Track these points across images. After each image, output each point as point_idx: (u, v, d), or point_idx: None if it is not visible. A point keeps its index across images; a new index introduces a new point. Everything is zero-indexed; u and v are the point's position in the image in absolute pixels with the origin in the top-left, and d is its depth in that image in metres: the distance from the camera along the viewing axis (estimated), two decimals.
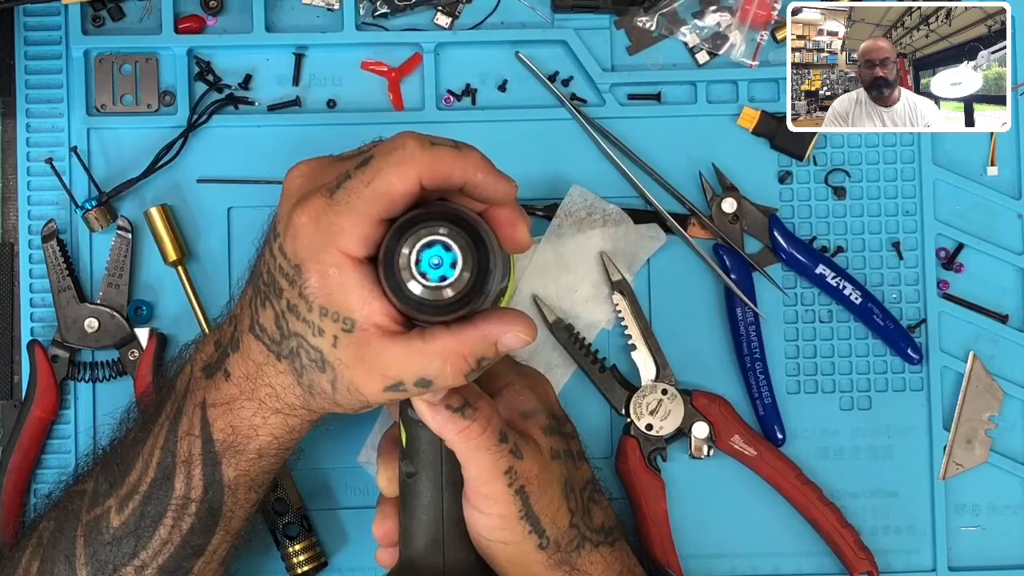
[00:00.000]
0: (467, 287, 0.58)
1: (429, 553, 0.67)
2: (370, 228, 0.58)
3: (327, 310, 0.59)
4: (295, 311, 0.60)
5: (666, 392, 0.81)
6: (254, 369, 0.64)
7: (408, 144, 0.58)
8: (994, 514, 0.83)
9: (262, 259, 0.63)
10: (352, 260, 0.58)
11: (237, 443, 0.65)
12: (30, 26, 0.81)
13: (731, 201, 0.82)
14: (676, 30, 0.83)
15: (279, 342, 0.62)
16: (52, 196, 0.81)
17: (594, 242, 0.81)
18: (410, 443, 0.67)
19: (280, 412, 0.64)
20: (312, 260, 0.59)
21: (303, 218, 0.59)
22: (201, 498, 0.66)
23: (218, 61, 0.82)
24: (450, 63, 0.83)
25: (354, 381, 0.60)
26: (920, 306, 0.83)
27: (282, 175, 0.63)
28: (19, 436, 0.79)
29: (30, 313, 0.81)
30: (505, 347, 0.60)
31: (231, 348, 0.65)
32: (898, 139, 0.83)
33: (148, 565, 0.66)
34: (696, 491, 0.82)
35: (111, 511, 0.66)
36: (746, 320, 0.81)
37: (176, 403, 0.67)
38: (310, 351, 0.61)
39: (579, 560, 0.68)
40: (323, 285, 0.59)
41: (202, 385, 0.66)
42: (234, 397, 0.64)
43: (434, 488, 0.66)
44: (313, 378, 0.61)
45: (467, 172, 0.59)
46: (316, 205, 0.59)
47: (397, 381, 0.60)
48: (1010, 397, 0.83)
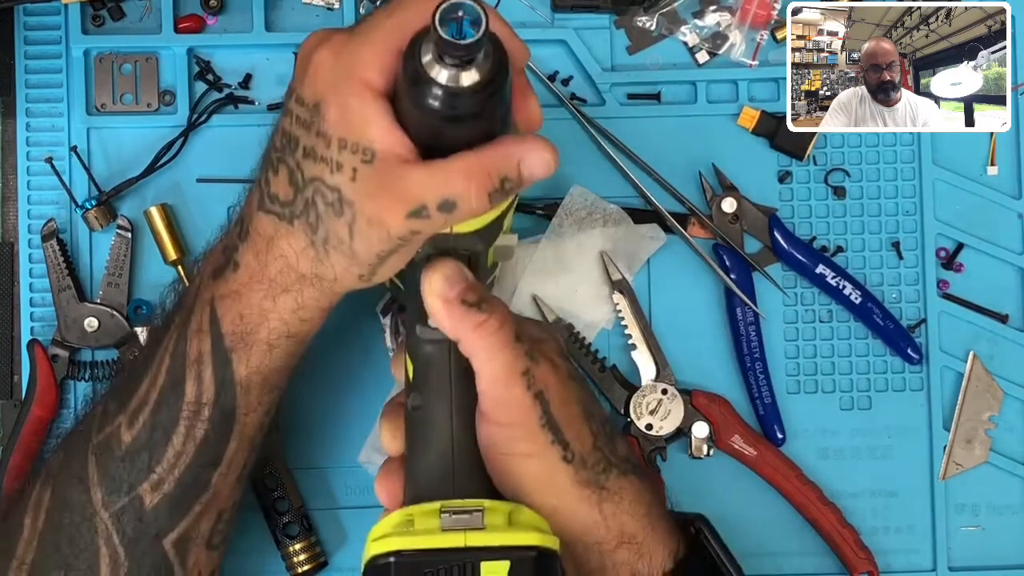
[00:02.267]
0: (489, 72, 0.56)
1: (437, 488, 0.64)
2: (390, 58, 0.58)
3: (346, 141, 0.58)
4: (311, 153, 0.59)
5: (666, 392, 0.81)
6: (264, 247, 0.62)
7: None
8: (994, 514, 0.83)
9: (275, 134, 0.62)
10: (372, 90, 0.58)
11: (247, 333, 0.64)
12: (30, 26, 0.81)
13: (731, 201, 0.82)
14: (676, 30, 0.83)
15: (292, 201, 0.60)
16: (52, 196, 0.81)
17: (594, 242, 0.81)
18: (418, 372, 0.65)
19: (290, 290, 0.62)
20: (332, 93, 0.58)
21: (324, 53, 0.59)
22: (214, 401, 0.64)
23: (218, 61, 0.82)
24: None
25: (376, 213, 0.58)
26: (920, 306, 0.83)
27: None
28: (19, 435, 0.79)
29: (30, 312, 0.81)
30: (528, 170, 0.59)
31: (240, 239, 0.64)
32: (898, 139, 0.83)
33: (164, 480, 0.65)
34: (696, 491, 0.82)
35: (121, 427, 0.65)
36: (746, 320, 0.81)
37: (185, 311, 0.65)
38: (327, 193, 0.59)
39: (608, 482, 0.66)
40: (343, 116, 0.58)
41: (211, 286, 0.64)
42: (243, 284, 0.63)
43: (444, 415, 0.64)
44: (329, 227, 0.59)
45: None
46: (337, 40, 0.59)
47: (420, 205, 0.58)
48: (1010, 397, 0.83)
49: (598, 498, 0.65)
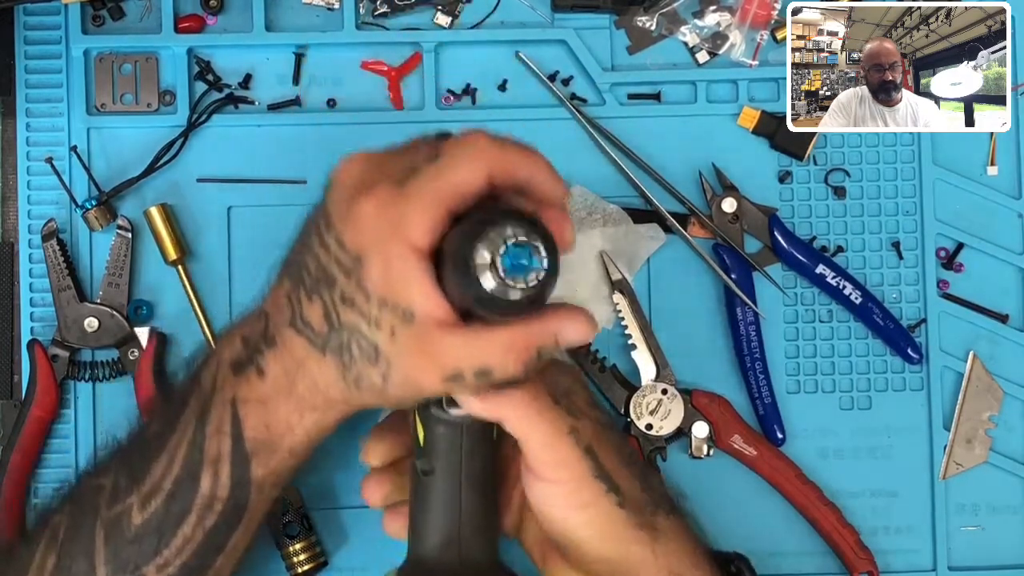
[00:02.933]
0: (542, 287, 0.57)
1: (444, 551, 0.66)
2: (439, 221, 0.57)
3: (387, 301, 0.58)
4: (350, 303, 0.59)
5: (666, 392, 0.81)
6: (293, 365, 0.62)
7: (480, 141, 0.58)
8: (994, 514, 0.83)
9: (307, 252, 0.61)
10: (417, 252, 0.57)
11: (271, 442, 0.64)
12: (30, 25, 0.81)
13: (731, 201, 0.82)
14: (676, 30, 0.83)
15: (326, 335, 0.60)
16: (52, 195, 0.81)
17: (594, 242, 0.81)
18: (429, 440, 0.66)
19: (317, 409, 0.63)
20: (375, 250, 0.58)
21: (368, 207, 0.58)
22: (228, 496, 0.65)
23: (218, 60, 0.82)
24: (450, 63, 0.83)
25: (412, 373, 0.59)
26: (920, 306, 0.83)
27: (282, 174, 0.64)
28: (19, 436, 0.79)
29: (30, 313, 0.81)
30: (565, 339, 0.59)
31: (264, 344, 0.63)
32: (898, 139, 0.83)
33: (170, 563, 0.65)
34: (696, 491, 0.82)
35: (133, 508, 0.65)
36: (746, 320, 0.81)
37: (203, 399, 0.65)
38: (363, 344, 0.59)
39: (657, 522, 0.67)
40: (385, 276, 0.58)
41: (232, 382, 0.64)
42: (269, 395, 0.63)
43: (452, 485, 0.65)
44: (363, 371, 0.60)
45: (532, 170, 0.60)
46: (383, 193, 0.58)
47: (457, 372, 0.58)
48: (1010, 397, 0.83)
49: (650, 538, 0.66)
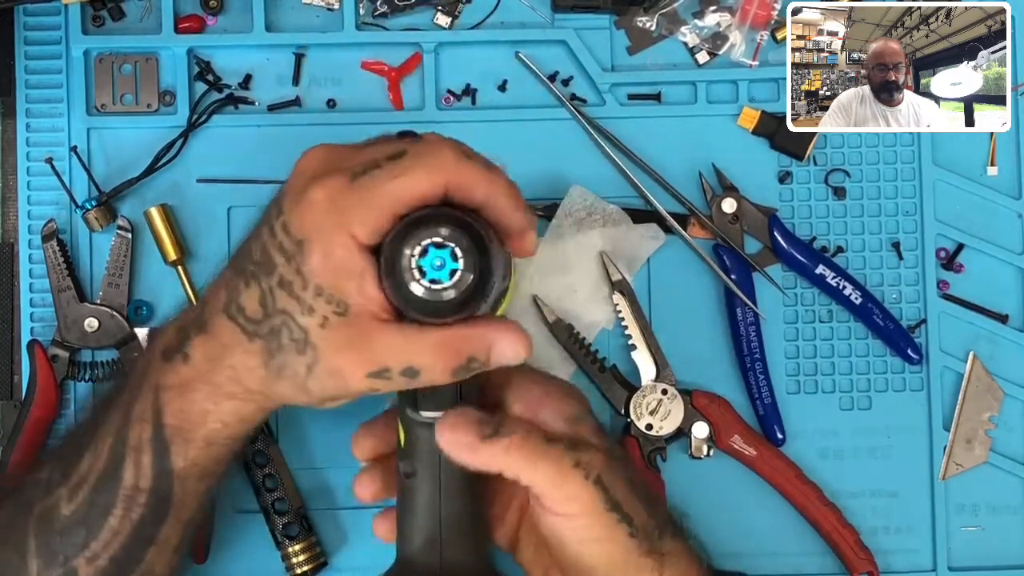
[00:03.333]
0: (468, 290, 0.58)
1: (425, 552, 0.67)
2: (385, 220, 0.58)
3: (323, 290, 0.58)
4: (287, 287, 0.59)
5: (666, 392, 0.81)
6: (218, 350, 0.62)
7: (444, 151, 0.59)
8: (994, 514, 0.83)
9: (254, 240, 0.62)
10: (359, 246, 0.58)
11: (185, 429, 0.64)
12: (30, 26, 0.81)
13: (731, 201, 0.82)
14: (676, 30, 0.83)
15: (259, 321, 0.61)
16: (52, 196, 0.81)
17: (594, 242, 0.81)
18: (409, 443, 0.67)
19: (234, 398, 0.63)
20: (318, 237, 0.58)
21: (319, 194, 0.58)
22: (150, 488, 0.65)
23: (218, 61, 0.82)
24: (450, 63, 0.83)
25: (337, 365, 0.59)
26: (920, 306, 0.83)
27: (283, 175, 0.63)
28: (19, 436, 0.79)
29: (30, 313, 0.81)
30: (498, 356, 0.60)
31: (194, 330, 0.63)
32: (898, 139, 0.83)
33: (99, 555, 0.65)
34: (696, 491, 0.82)
35: (62, 500, 0.66)
36: (746, 320, 0.81)
37: (132, 388, 0.66)
38: (294, 329, 0.59)
39: (664, 547, 0.67)
40: (325, 264, 0.58)
41: (159, 368, 0.64)
42: (189, 379, 0.63)
43: (432, 487, 0.66)
44: (287, 360, 0.60)
45: (491, 193, 0.60)
46: (335, 184, 0.58)
47: (383, 367, 0.59)
48: (1010, 397, 0.83)
49: (659, 564, 0.66)
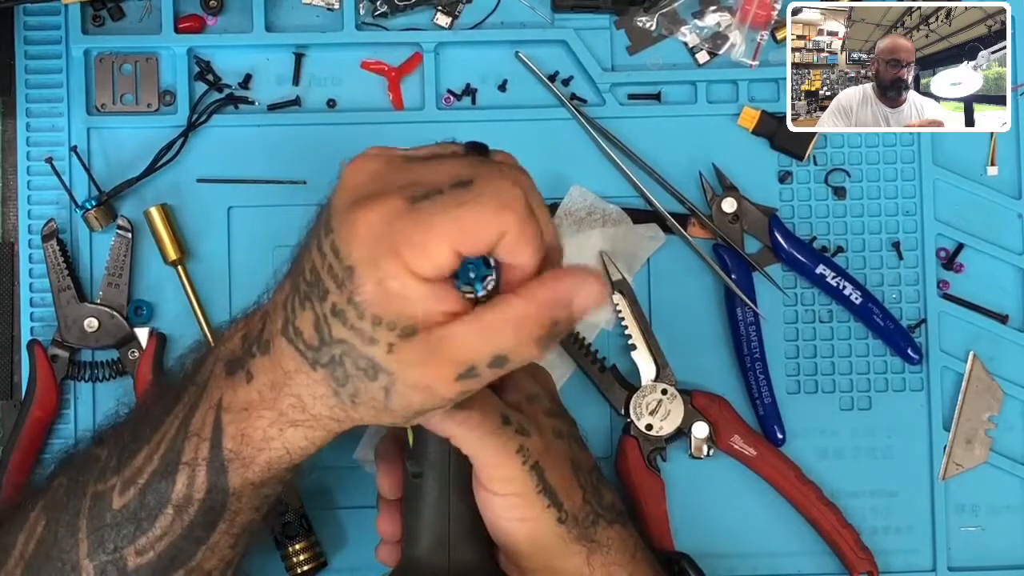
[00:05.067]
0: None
1: (434, 552, 0.67)
2: (442, 254, 0.52)
3: (381, 320, 0.53)
4: (341, 316, 0.54)
5: (666, 392, 0.81)
6: (281, 377, 0.58)
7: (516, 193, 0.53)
8: (994, 514, 0.83)
9: (307, 253, 0.56)
10: (414, 276, 0.52)
11: (245, 454, 0.61)
12: (30, 26, 0.81)
13: (731, 201, 0.82)
14: (676, 30, 0.83)
15: (317, 348, 0.56)
16: (52, 196, 0.81)
17: (594, 242, 0.81)
18: (417, 443, 0.66)
19: (299, 425, 0.59)
20: (370, 265, 0.53)
21: (372, 216, 0.52)
22: (203, 499, 0.63)
23: (218, 61, 0.82)
24: (450, 63, 0.83)
25: (421, 379, 0.54)
26: (920, 306, 0.83)
27: (282, 174, 0.63)
28: (19, 436, 0.79)
29: (30, 313, 0.81)
30: (581, 309, 0.55)
31: (258, 348, 0.59)
32: (898, 139, 0.83)
33: (148, 550, 0.64)
34: (696, 491, 0.82)
35: (115, 490, 0.64)
36: (746, 320, 0.81)
37: (193, 395, 0.63)
38: (358, 360, 0.55)
39: (596, 535, 0.67)
40: (379, 294, 0.53)
41: (221, 383, 0.61)
42: (252, 403, 0.60)
43: (440, 487, 0.66)
44: (360, 387, 0.55)
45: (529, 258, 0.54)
46: (392, 206, 0.52)
47: (470, 366, 0.54)
48: (1010, 397, 0.83)
49: (587, 551, 0.67)
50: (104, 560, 0.65)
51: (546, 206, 0.57)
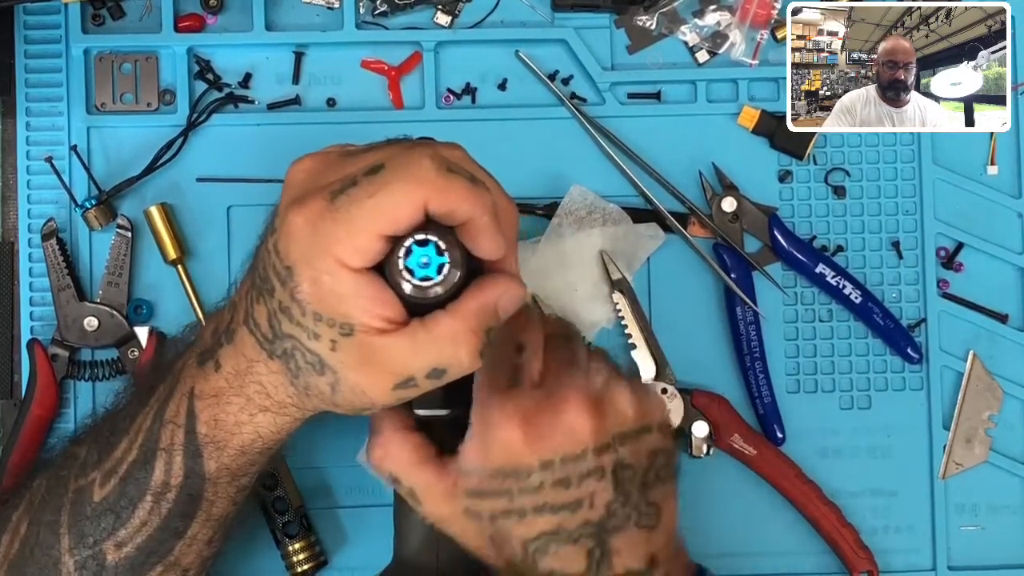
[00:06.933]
0: (458, 284, 0.57)
1: (423, 552, 0.67)
2: (368, 242, 0.55)
3: (321, 315, 0.56)
4: (288, 313, 0.57)
5: (666, 391, 0.81)
6: (244, 365, 0.61)
7: (424, 164, 0.55)
8: (994, 514, 0.83)
9: (260, 251, 0.60)
10: (347, 268, 0.55)
11: (219, 438, 0.63)
12: (30, 25, 0.81)
13: (731, 200, 0.82)
14: (676, 29, 0.83)
15: (272, 340, 0.59)
16: (52, 195, 0.81)
17: (594, 241, 0.81)
18: None
19: (268, 410, 0.62)
20: (304, 264, 0.56)
21: (299, 219, 0.56)
22: (180, 485, 0.64)
23: (218, 60, 0.82)
24: (450, 62, 0.83)
25: (359, 384, 0.58)
26: (920, 305, 0.83)
27: (282, 174, 0.63)
28: (19, 435, 0.79)
29: (30, 312, 0.81)
30: (504, 311, 0.58)
31: (225, 338, 0.62)
32: (898, 139, 0.83)
33: (127, 542, 0.65)
34: (696, 491, 0.82)
35: (95, 484, 0.66)
36: (746, 319, 0.81)
37: (169, 386, 0.65)
38: (306, 354, 0.58)
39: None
40: (315, 291, 0.56)
41: (193, 372, 0.64)
42: (222, 390, 0.62)
43: None
44: (310, 380, 0.59)
45: (475, 212, 0.56)
46: (314, 208, 0.56)
47: (407, 377, 0.57)
48: (1010, 397, 0.83)
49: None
50: (85, 555, 0.66)
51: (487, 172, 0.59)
